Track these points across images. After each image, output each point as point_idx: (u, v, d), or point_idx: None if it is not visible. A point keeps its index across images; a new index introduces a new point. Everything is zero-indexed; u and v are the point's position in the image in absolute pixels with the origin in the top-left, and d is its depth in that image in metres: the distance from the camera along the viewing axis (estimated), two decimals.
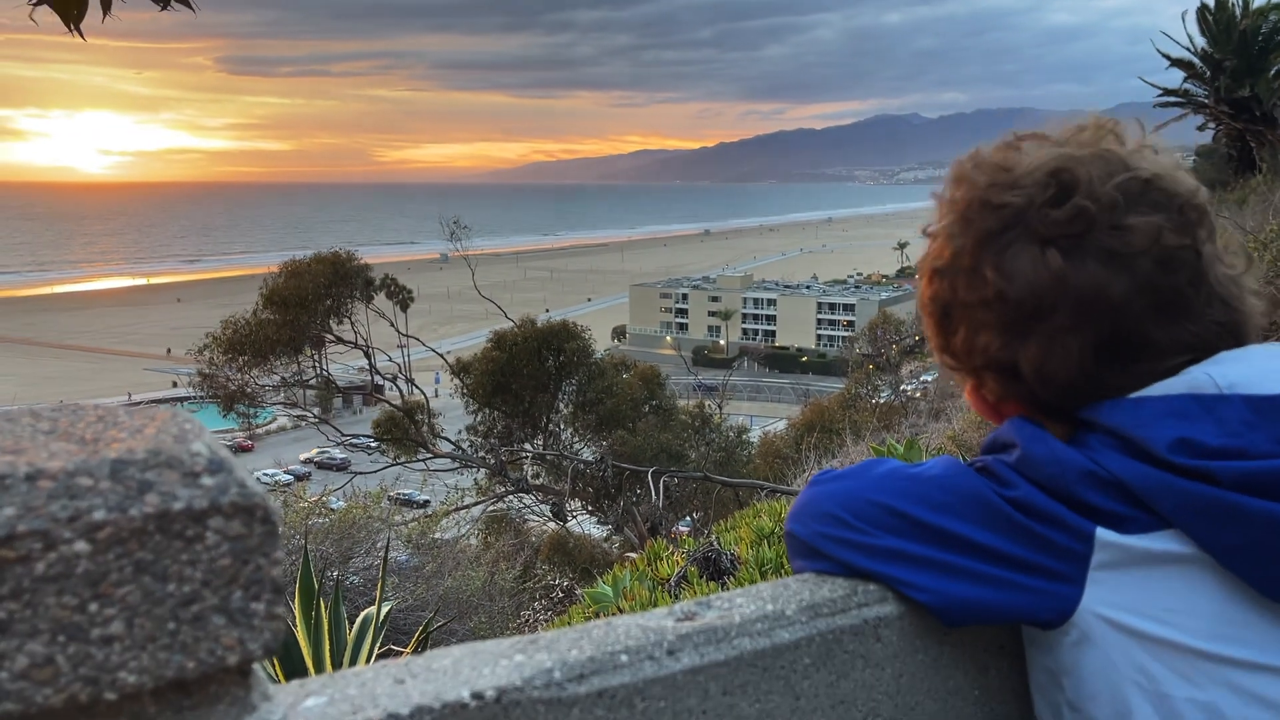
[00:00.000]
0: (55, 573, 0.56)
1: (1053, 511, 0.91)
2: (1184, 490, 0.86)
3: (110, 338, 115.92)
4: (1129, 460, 0.90)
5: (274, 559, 0.62)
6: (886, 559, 0.96)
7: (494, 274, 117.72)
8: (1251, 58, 24.04)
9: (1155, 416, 0.90)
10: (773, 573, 4.27)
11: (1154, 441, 0.89)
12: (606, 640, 0.87)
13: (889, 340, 41.65)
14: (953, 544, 0.93)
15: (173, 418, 0.68)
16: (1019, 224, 0.96)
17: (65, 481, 0.58)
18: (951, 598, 0.93)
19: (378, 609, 4.23)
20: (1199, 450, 0.87)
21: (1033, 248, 0.94)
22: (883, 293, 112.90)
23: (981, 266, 0.97)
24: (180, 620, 0.60)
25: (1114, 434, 0.92)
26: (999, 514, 0.92)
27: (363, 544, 9.84)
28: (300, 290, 20.81)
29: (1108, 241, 0.93)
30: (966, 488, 0.95)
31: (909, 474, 0.99)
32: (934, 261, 1.03)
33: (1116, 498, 0.89)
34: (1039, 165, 0.97)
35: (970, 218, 0.99)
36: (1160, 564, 0.88)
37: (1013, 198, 0.96)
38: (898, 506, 0.96)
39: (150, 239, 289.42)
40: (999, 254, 0.96)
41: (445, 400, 38.41)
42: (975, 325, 0.99)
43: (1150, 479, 0.88)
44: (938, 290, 1.03)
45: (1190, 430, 0.88)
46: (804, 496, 1.06)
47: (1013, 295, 0.95)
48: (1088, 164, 0.96)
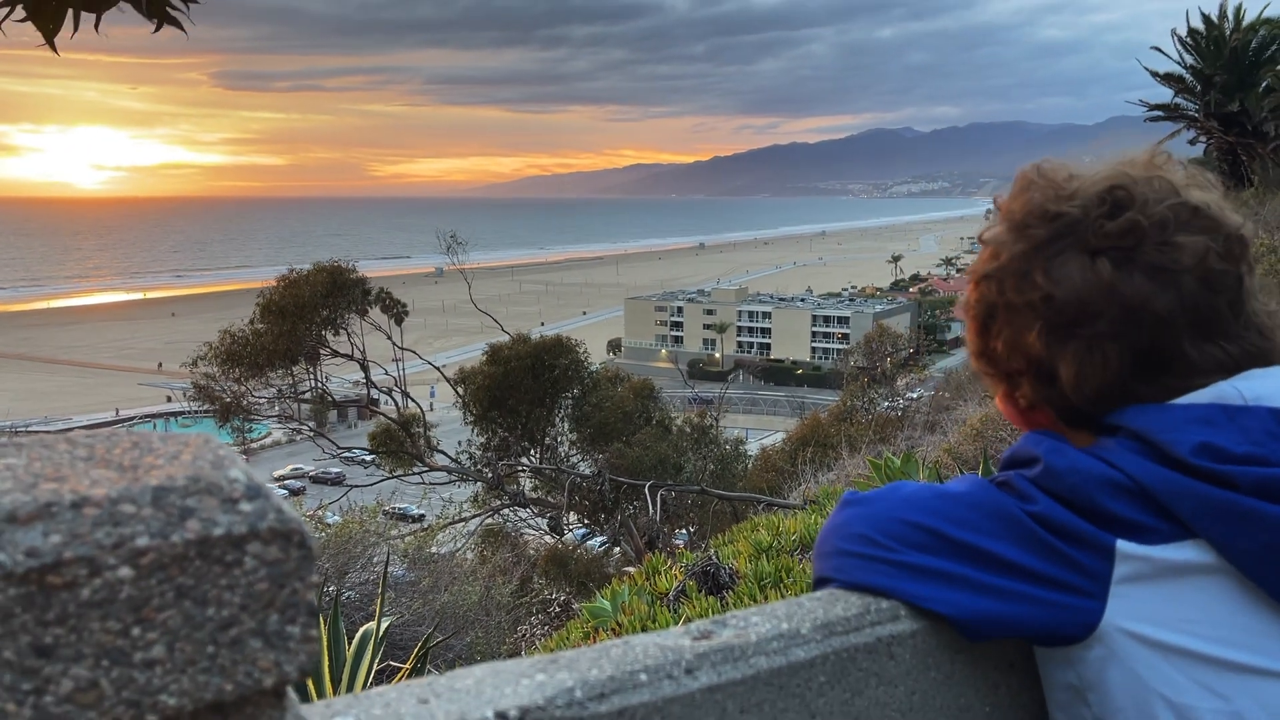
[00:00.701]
0: (100, 598, 0.57)
1: (1074, 527, 0.92)
2: (1205, 494, 0.89)
3: (104, 352, 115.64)
4: (1151, 464, 0.92)
5: (309, 583, 0.64)
6: (914, 576, 0.97)
7: (489, 288, 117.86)
8: (1241, 73, 24.22)
9: (1181, 422, 0.93)
10: (771, 587, 4.28)
11: (1178, 445, 0.91)
12: (626, 659, 0.88)
13: (884, 353, 41.75)
14: (979, 559, 0.95)
15: (206, 444, 0.70)
16: (1071, 234, 1.00)
17: (109, 509, 0.59)
18: (977, 613, 0.95)
19: (377, 625, 4.22)
20: (1222, 455, 0.90)
21: (1083, 257, 0.99)
22: (877, 305, 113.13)
23: (1032, 270, 1.01)
24: (219, 644, 0.61)
25: (1138, 437, 0.95)
26: (1023, 529, 0.94)
27: (359, 559, 9.81)
28: (298, 299, 20.86)
29: (1156, 257, 0.97)
30: (991, 504, 0.97)
31: (936, 492, 1.01)
32: (984, 266, 1.07)
33: (1137, 505, 0.91)
34: (1097, 180, 1.02)
35: (1026, 225, 1.03)
36: (1181, 575, 0.89)
37: (1069, 208, 1.01)
38: (925, 523, 0.98)
39: (145, 254, 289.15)
40: (1050, 260, 1.00)
41: (441, 413, 38.38)
42: (1019, 327, 1.02)
43: (1172, 482, 0.90)
44: (984, 293, 1.06)
45: (1214, 436, 0.91)
46: (834, 519, 1.08)
47: (1060, 299, 0.99)
48: (1143, 184, 1.01)
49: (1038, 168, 1.08)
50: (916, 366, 47.18)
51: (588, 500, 19.18)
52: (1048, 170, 1.07)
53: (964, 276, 1.14)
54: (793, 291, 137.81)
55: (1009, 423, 6.88)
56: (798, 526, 5.10)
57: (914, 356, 47.23)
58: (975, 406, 19.02)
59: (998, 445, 10.74)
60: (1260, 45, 24.14)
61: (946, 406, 25.00)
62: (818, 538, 1.09)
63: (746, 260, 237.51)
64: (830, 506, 5.85)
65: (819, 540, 1.08)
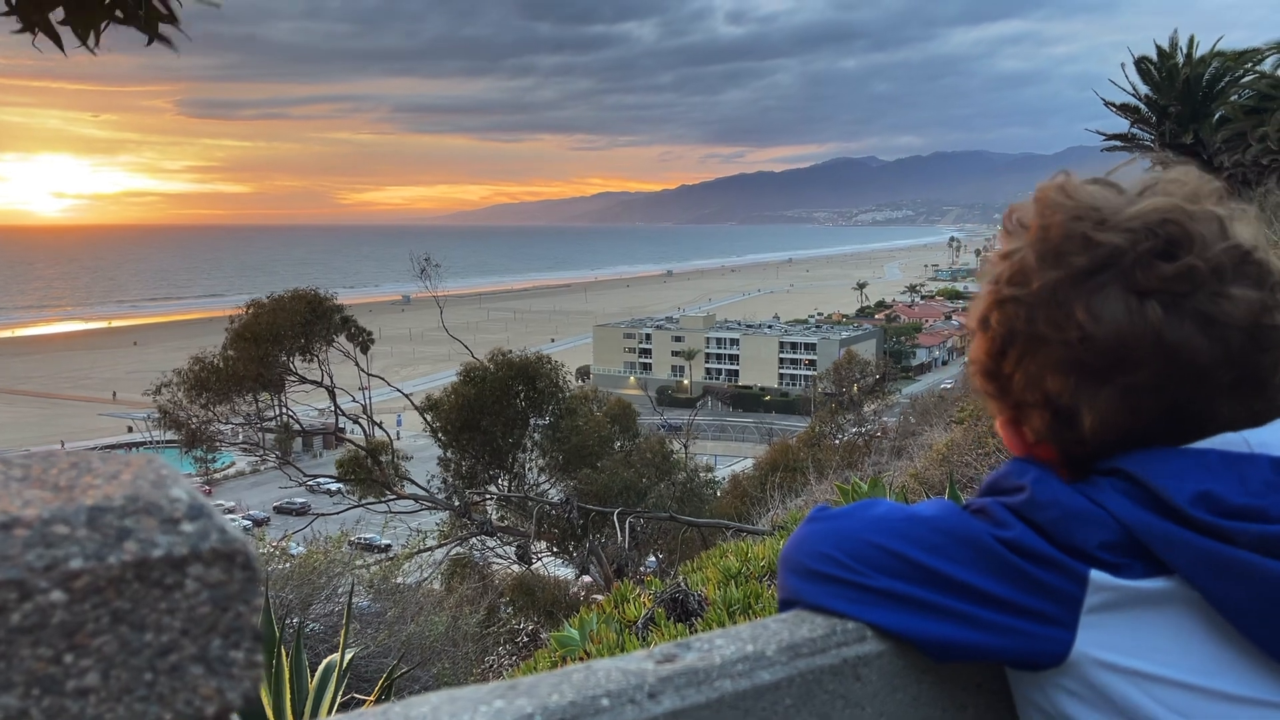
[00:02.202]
0: (30, 624, 0.55)
1: (1046, 553, 0.90)
2: (1201, 547, 0.86)
3: (64, 382, 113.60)
4: (1142, 510, 0.89)
5: (254, 606, 0.61)
6: (879, 600, 0.95)
7: (458, 315, 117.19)
8: (1195, 104, 24.81)
9: (1179, 469, 0.89)
10: (740, 613, 4.26)
11: (1176, 493, 0.88)
12: (587, 684, 0.86)
13: (852, 379, 42.01)
14: (945, 586, 0.93)
15: (149, 463, 0.67)
16: (1114, 266, 0.92)
17: (41, 530, 0.56)
18: (943, 639, 0.93)
19: (341, 656, 4.15)
20: (1220, 507, 0.87)
21: (1129, 296, 0.91)
22: (843, 332, 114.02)
23: (1071, 304, 0.92)
24: (158, 670, 0.58)
25: (1133, 480, 0.91)
26: (992, 556, 0.92)
27: (323, 590, 9.67)
28: (274, 324, 20.81)
29: (1209, 307, 0.90)
30: (960, 530, 0.94)
31: (905, 514, 0.98)
32: (1011, 287, 0.97)
33: (1115, 543, 0.89)
34: (1149, 210, 0.93)
35: (1064, 250, 0.94)
36: (1153, 604, 0.88)
37: (1114, 238, 0.93)
38: (892, 547, 0.95)
39: (106, 282, 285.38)
40: (1091, 294, 0.92)
41: (409, 441, 38.04)
42: (1046, 362, 0.95)
43: (1163, 531, 0.87)
44: (1010, 317, 0.97)
45: (1213, 485, 0.88)
46: (801, 533, 1.04)
47: (1100, 340, 0.91)
48: (1199, 221, 0.93)
49: (1067, 186, 0.99)
50: (883, 392, 47.53)
51: (556, 528, 19.06)
52: (1083, 191, 0.97)
53: (979, 282, 1.06)
54: (760, 318, 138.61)
55: (974, 448, 6.93)
56: (766, 552, 5.09)
57: (880, 382, 47.59)
58: (941, 432, 19.16)
59: (963, 470, 10.80)
60: (1213, 77, 24.76)
61: (912, 432, 25.19)
62: (782, 550, 1.06)
63: (714, 287, 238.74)
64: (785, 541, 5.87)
65: (783, 553, 1.06)
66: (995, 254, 1.03)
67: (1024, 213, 1.01)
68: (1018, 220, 1.01)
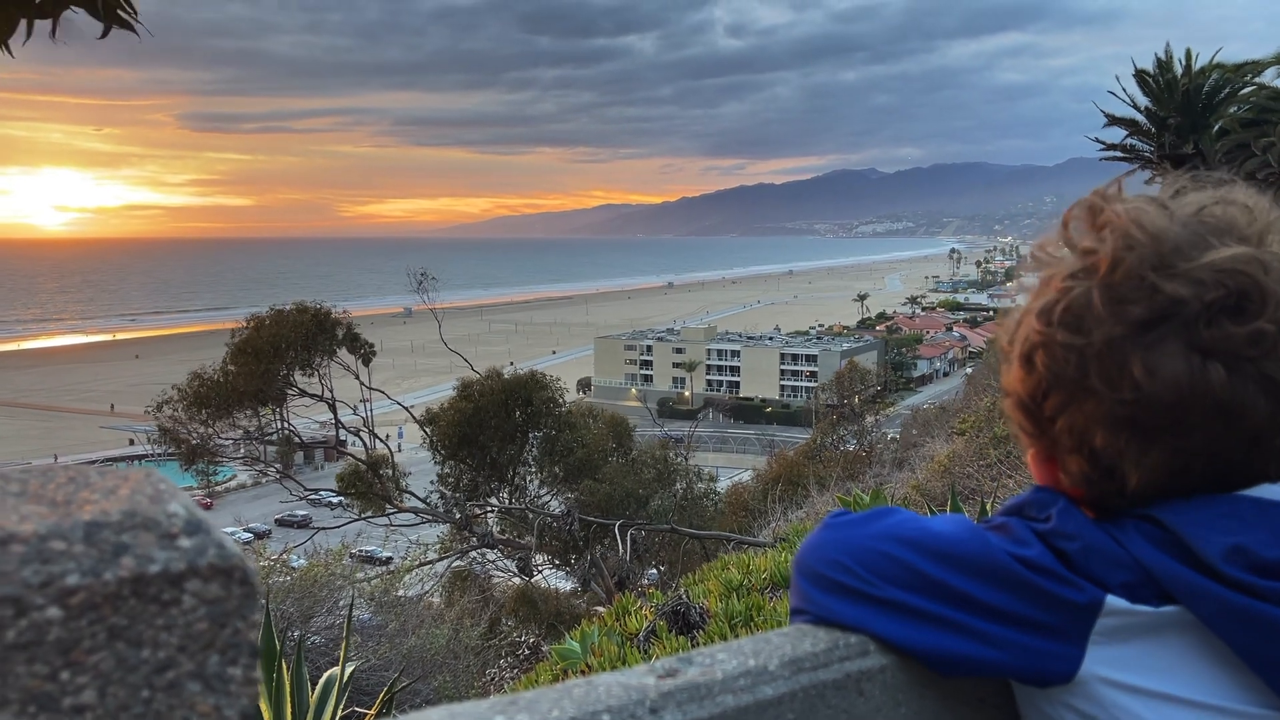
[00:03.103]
0: (26, 640, 0.54)
1: (1062, 572, 0.89)
2: (1231, 602, 0.84)
3: (66, 395, 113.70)
4: (1166, 557, 0.87)
5: (252, 621, 0.61)
6: (887, 612, 0.95)
7: (459, 327, 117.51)
8: (1195, 116, 24.85)
9: (1209, 518, 0.87)
10: (742, 626, 4.24)
11: (1208, 546, 0.85)
12: (588, 700, 0.85)
13: (854, 390, 42.02)
14: (955, 600, 0.92)
15: (146, 478, 0.67)
16: (1177, 319, 0.86)
17: (37, 545, 0.56)
18: (950, 653, 0.92)
19: (341, 669, 4.14)
20: (1253, 562, 0.84)
21: (1191, 354, 0.85)
22: (844, 343, 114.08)
23: (1129, 360, 0.87)
24: (155, 688, 0.58)
25: (1159, 525, 0.89)
26: (1006, 573, 0.90)
27: (324, 602, 9.65)
28: (275, 339, 20.77)
29: (1274, 371, 0.86)
30: (975, 545, 0.93)
31: (919, 526, 0.97)
32: (1065, 331, 0.91)
33: (1134, 583, 0.88)
34: (1223, 262, 0.87)
35: (1124, 298, 0.88)
36: (1165, 629, 0.87)
37: (1181, 289, 0.86)
38: (904, 557, 0.94)
39: (108, 295, 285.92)
40: (1149, 349, 0.86)
41: (410, 454, 38.02)
42: (1094, 415, 0.90)
43: (1189, 582, 0.85)
44: (1059, 362, 0.91)
45: (1244, 537, 0.85)
46: (815, 538, 1.03)
47: (1156, 399, 0.86)
48: (1272, 276, 0.87)
49: (1144, 220, 0.91)
50: (884, 404, 47.54)
51: (557, 540, 19.03)
52: (1158, 225, 0.90)
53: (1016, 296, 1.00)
54: (761, 330, 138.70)
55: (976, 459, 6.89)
56: (768, 565, 5.08)
57: (882, 394, 47.66)
58: (943, 444, 19.14)
59: (965, 482, 10.79)
60: (1212, 89, 24.81)
61: (914, 443, 25.16)
62: (797, 553, 1.05)
63: (715, 299, 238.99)
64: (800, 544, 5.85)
65: (797, 556, 1.04)
66: (1048, 268, 0.96)
67: (1084, 233, 0.95)
68: (1077, 238, 0.95)
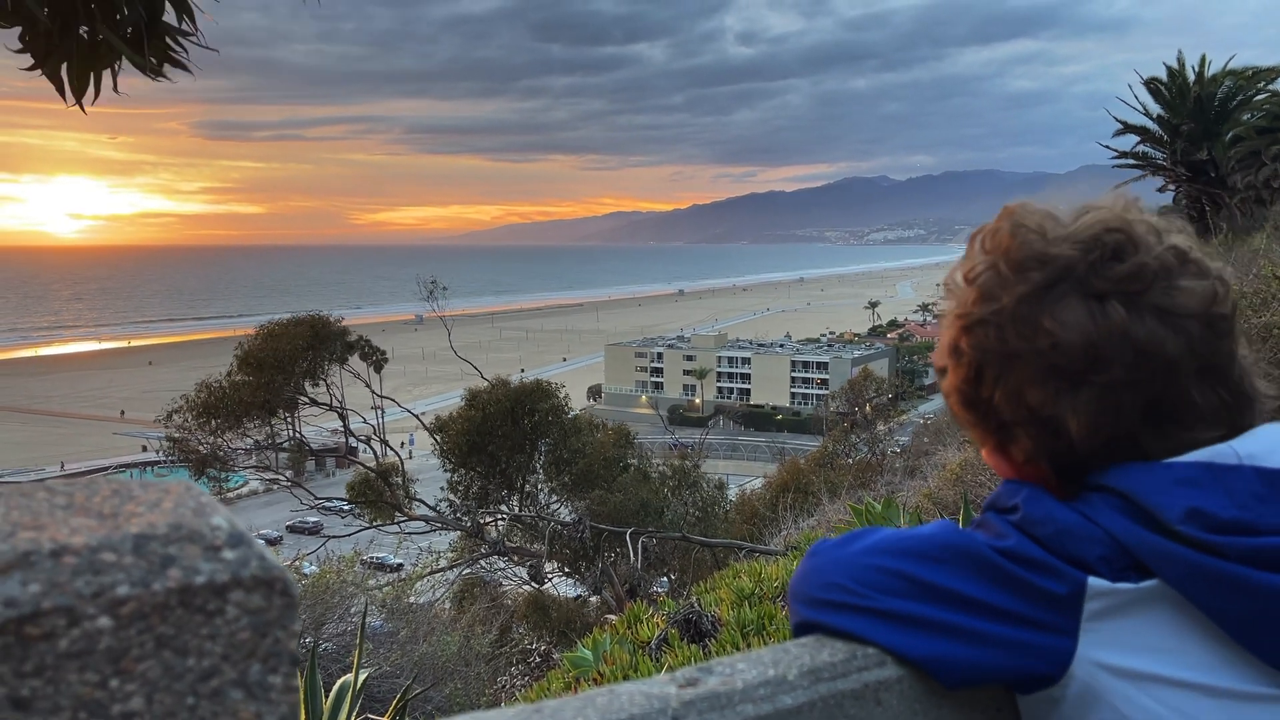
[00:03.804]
0: (78, 649, 0.56)
1: (1044, 559, 0.92)
2: (1192, 561, 0.88)
3: (80, 401, 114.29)
4: (1133, 525, 0.92)
5: (291, 631, 0.63)
6: (888, 622, 0.97)
7: (469, 334, 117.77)
8: (1208, 123, 24.73)
9: (1167, 484, 0.92)
10: (754, 634, 4.24)
11: (1166, 510, 0.90)
12: (611, 708, 0.87)
13: (865, 398, 41.86)
14: (946, 600, 0.94)
15: (187, 490, 0.69)
16: (1070, 277, 0.97)
17: (89, 557, 0.58)
18: (950, 659, 0.94)
19: (355, 676, 4.15)
20: (1210, 522, 0.89)
21: (1089, 301, 0.96)
22: (855, 351, 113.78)
23: (1037, 316, 0.97)
24: (199, 695, 0.60)
25: (1123, 497, 0.94)
26: (989, 565, 0.94)
27: (336, 609, 9.67)
28: (277, 352, 20.71)
29: (1164, 300, 0.96)
30: (957, 543, 0.96)
31: (903, 534, 1.01)
32: (977, 310, 1.02)
33: (1110, 557, 0.91)
34: (1094, 223, 1.00)
35: (1024, 268, 0.99)
36: (1148, 604, 0.90)
37: (1068, 250, 0.98)
38: (892, 566, 0.97)
39: (122, 302, 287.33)
40: (1054, 304, 0.97)
41: (421, 461, 38.07)
42: (1023, 376, 0.98)
43: (1155, 547, 0.90)
44: (980, 340, 1.02)
45: (1201, 500, 0.90)
46: (804, 567, 1.07)
47: (1070, 345, 0.96)
48: (1138, 227, 1.00)
49: (1019, 209, 1.05)
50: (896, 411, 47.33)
51: (568, 548, 19.02)
52: (1030, 212, 1.04)
53: (940, 321, 1.11)
54: (772, 337, 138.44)
55: (988, 467, 6.84)
56: (779, 573, 5.07)
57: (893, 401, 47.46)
58: (955, 451, 19.07)
59: (978, 490, 10.75)
60: (1226, 96, 24.70)
61: (926, 451, 25.07)
62: (789, 585, 1.08)
63: (726, 306, 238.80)
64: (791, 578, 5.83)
65: (790, 587, 1.08)
66: (958, 278, 1.07)
67: (984, 238, 1.06)
68: (980, 246, 1.06)
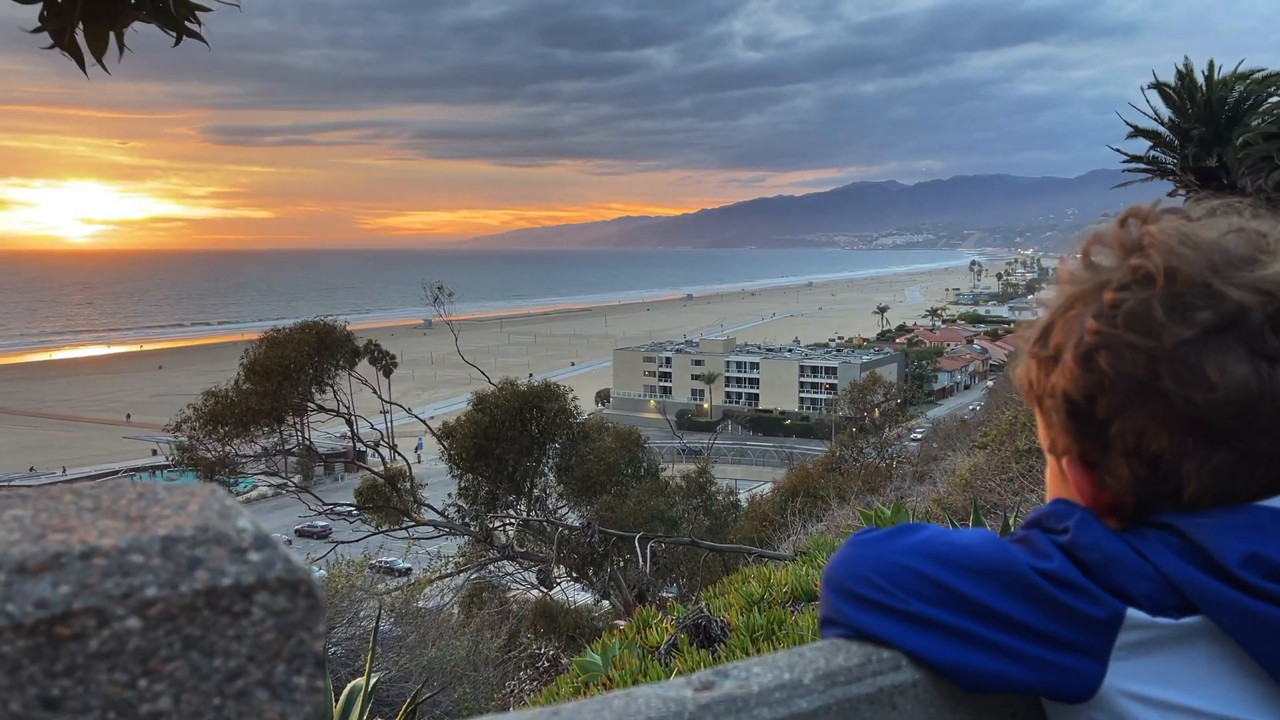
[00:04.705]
0: (107, 650, 0.57)
1: (1084, 585, 0.90)
2: (1248, 608, 0.86)
3: (90, 405, 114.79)
4: (1187, 565, 0.89)
5: (316, 633, 0.63)
6: (914, 626, 0.96)
7: (478, 339, 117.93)
8: (1218, 127, 24.66)
9: (1230, 527, 0.90)
10: (764, 639, 4.24)
11: (1225, 553, 0.88)
12: (628, 711, 0.87)
13: (872, 403, 41.83)
14: (978, 614, 0.93)
15: (212, 493, 0.70)
16: (1240, 326, 0.90)
17: (118, 559, 0.59)
18: (974, 668, 0.94)
19: (366, 680, 4.16)
20: (1269, 569, 0.87)
21: (1257, 359, 0.89)
22: (864, 356, 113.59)
23: (1202, 363, 0.90)
24: (225, 695, 0.60)
25: (1182, 536, 0.91)
26: (1027, 585, 0.92)
27: (345, 614, 9.70)
28: (284, 359, 20.72)
29: None
30: (999, 558, 0.94)
31: (944, 540, 0.99)
32: (1133, 334, 0.93)
33: (1155, 594, 0.89)
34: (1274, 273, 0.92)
35: (1190, 306, 0.91)
36: (1187, 642, 0.88)
37: (1246, 297, 0.90)
38: (927, 572, 0.96)
39: (132, 306, 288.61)
40: (1220, 352, 0.89)
41: (429, 465, 38.12)
42: (1158, 416, 0.92)
43: (1209, 589, 0.87)
44: (1127, 363, 0.93)
45: (1263, 546, 0.88)
46: (842, 554, 1.05)
47: (1227, 403, 0.89)
48: None
49: (1188, 233, 0.95)
50: (904, 416, 47.26)
51: (576, 553, 19.02)
52: (1205, 238, 0.94)
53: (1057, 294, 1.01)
54: (780, 342, 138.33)
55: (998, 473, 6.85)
56: (788, 578, 5.07)
57: (902, 406, 47.40)
58: (964, 457, 19.02)
59: (987, 496, 10.73)
60: (1237, 100, 24.63)
61: (935, 456, 25.02)
62: (825, 569, 1.07)
63: (734, 311, 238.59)
64: (821, 558, 5.79)
65: (825, 571, 1.06)
66: (1081, 283, 0.98)
67: (1117, 251, 0.98)
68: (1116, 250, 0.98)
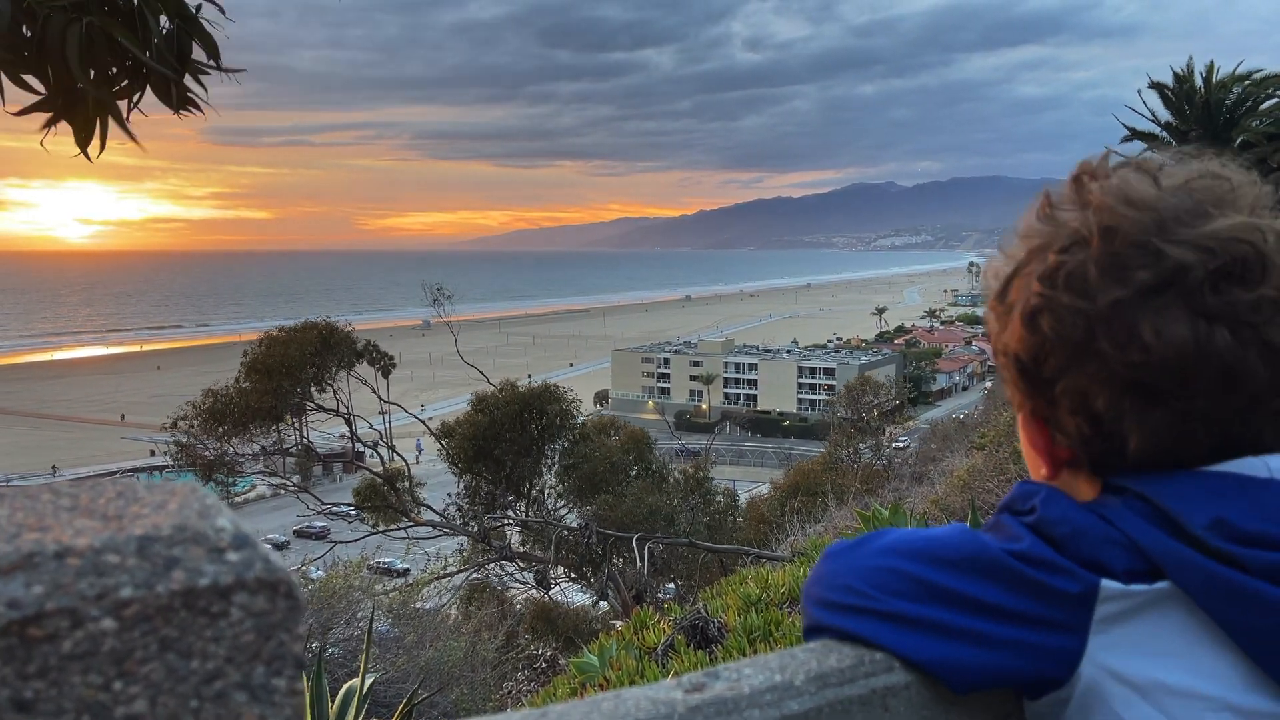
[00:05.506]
0: (81, 651, 0.56)
1: (1057, 561, 0.90)
2: (1213, 572, 0.86)
3: (88, 406, 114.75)
4: (1155, 530, 0.89)
5: (296, 634, 0.62)
6: (896, 624, 0.95)
7: (477, 339, 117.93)
8: (1216, 128, 24.68)
9: (1194, 492, 0.89)
10: (761, 640, 4.23)
11: (1190, 517, 0.87)
12: (617, 712, 0.86)
13: (870, 404, 41.83)
14: (955, 602, 0.93)
15: (193, 492, 0.69)
16: (1180, 284, 0.88)
17: (93, 559, 0.58)
18: (957, 661, 0.93)
19: (362, 681, 4.15)
20: (1233, 533, 0.86)
21: (1196, 319, 0.87)
22: (862, 357, 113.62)
23: (1137, 323, 0.88)
24: (203, 698, 0.59)
25: (1146, 501, 0.91)
26: (1002, 569, 0.92)
27: (343, 614, 9.69)
28: (286, 358, 20.73)
29: (1274, 336, 0.88)
30: (969, 546, 0.94)
31: (914, 536, 0.99)
32: (1070, 295, 0.92)
33: (1126, 560, 0.89)
34: (1225, 230, 0.89)
35: (1128, 264, 0.90)
36: (1161, 607, 0.88)
37: (1186, 254, 0.88)
38: (901, 567, 0.96)
39: (130, 307, 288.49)
40: (1157, 313, 0.88)
41: (428, 466, 38.11)
42: (1097, 377, 0.91)
43: (1176, 553, 0.87)
44: (1066, 325, 0.92)
45: (1226, 511, 0.87)
46: (818, 569, 1.05)
47: (1163, 362, 0.88)
48: (1272, 244, 0.90)
49: (1128, 190, 0.93)
50: (902, 417, 47.30)
51: (574, 554, 19.01)
52: (1145, 195, 0.92)
53: (1006, 255, 1.00)
54: (778, 343, 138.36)
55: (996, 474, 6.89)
56: (786, 579, 5.06)
57: (900, 408, 47.43)
58: (962, 458, 19.02)
59: (985, 497, 10.72)
60: (1235, 102, 24.63)
61: (933, 458, 25.03)
62: (803, 588, 1.07)
63: (732, 312, 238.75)
64: (805, 579, 5.83)
65: (804, 588, 1.06)
66: (1035, 238, 0.97)
67: (1069, 208, 0.96)
68: (1061, 212, 0.96)
